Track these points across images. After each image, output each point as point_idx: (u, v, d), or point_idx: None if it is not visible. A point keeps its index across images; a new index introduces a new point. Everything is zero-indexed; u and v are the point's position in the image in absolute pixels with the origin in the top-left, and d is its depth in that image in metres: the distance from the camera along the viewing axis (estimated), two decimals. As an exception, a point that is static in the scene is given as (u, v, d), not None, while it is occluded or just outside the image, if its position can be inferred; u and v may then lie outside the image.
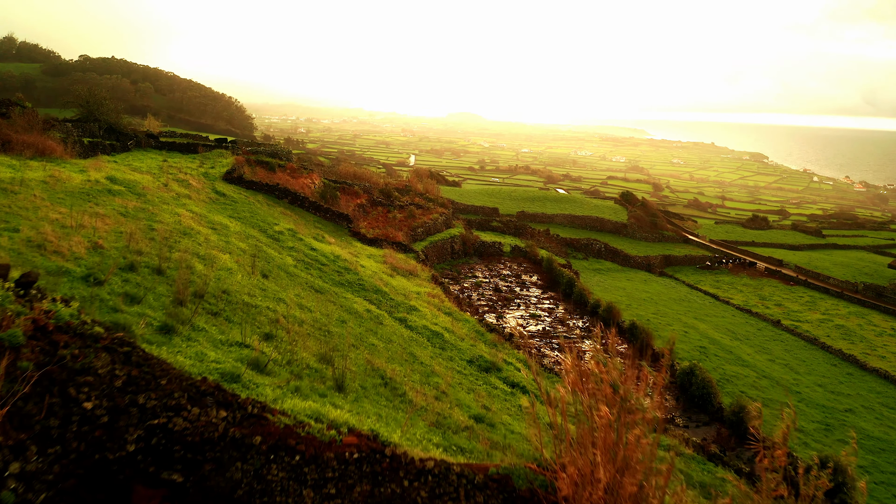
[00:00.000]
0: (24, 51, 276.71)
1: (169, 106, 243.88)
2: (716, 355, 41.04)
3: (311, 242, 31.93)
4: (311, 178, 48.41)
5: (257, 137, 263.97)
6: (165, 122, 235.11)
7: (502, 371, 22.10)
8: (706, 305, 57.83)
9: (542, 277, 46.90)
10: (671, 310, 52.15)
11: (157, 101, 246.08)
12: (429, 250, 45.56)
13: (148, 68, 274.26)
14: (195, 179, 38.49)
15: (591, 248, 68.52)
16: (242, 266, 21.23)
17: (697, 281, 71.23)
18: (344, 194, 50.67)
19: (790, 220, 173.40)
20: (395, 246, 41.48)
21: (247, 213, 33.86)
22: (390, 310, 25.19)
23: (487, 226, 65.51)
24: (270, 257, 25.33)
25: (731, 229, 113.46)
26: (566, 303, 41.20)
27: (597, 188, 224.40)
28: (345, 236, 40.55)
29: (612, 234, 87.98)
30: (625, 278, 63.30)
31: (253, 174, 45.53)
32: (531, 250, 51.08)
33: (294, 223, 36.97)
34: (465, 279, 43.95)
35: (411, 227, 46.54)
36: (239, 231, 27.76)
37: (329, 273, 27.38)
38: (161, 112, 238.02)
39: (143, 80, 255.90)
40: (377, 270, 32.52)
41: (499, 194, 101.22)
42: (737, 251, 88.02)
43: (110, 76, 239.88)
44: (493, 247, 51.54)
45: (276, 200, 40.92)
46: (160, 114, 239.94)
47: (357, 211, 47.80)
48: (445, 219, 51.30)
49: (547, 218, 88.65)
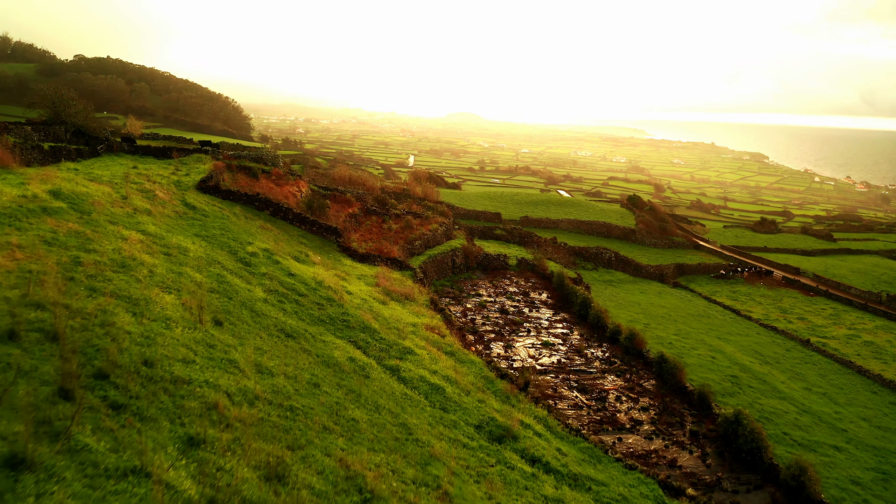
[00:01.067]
0: (19, 51, 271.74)
1: (165, 106, 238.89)
2: (749, 386, 36.32)
3: (291, 265, 27.17)
4: (298, 185, 43.65)
5: (254, 138, 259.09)
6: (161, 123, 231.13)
7: (519, 440, 17.40)
8: (727, 322, 53.12)
9: (553, 295, 42.18)
10: (692, 328, 47.43)
11: (152, 101, 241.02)
12: (427, 266, 40.84)
13: (144, 68, 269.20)
14: (163, 189, 33.74)
15: (601, 257, 63.83)
16: (189, 310, 16.44)
17: (713, 292, 66.54)
18: (335, 202, 45.92)
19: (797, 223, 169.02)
20: (389, 263, 36.75)
21: (217, 229, 29.09)
22: (379, 355, 20.44)
23: (490, 234, 60.75)
24: (234, 291, 20.58)
25: (740, 233, 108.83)
26: (581, 326, 36.46)
27: (598, 189, 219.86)
28: (333, 253, 35.78)
29: (621, 240, 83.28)
30: (638, 291, 58.56)
31: (233, 182, 40.81)
32: (539, 263, 46.37)
33: (274, 240, 32.19)
34: (467, 298, 39.20)
35: (408, 240, 41.79)
36: (201, 256, 23.00)
37: (307, 307, 22.62)
38: (157, 112, 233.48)
39: (138, 80, 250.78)
40: (367, 297, 27.77)
41: (501, 198, 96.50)
42: (751, 258, 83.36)
43: (105, 76, 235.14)
44: (498, 260, 46.81)
45: (255, 212, 36.15)
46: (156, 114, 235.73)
47: (349, 221, 43.05)
48: (446, 229, 46.57)
49: (552, 223, 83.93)
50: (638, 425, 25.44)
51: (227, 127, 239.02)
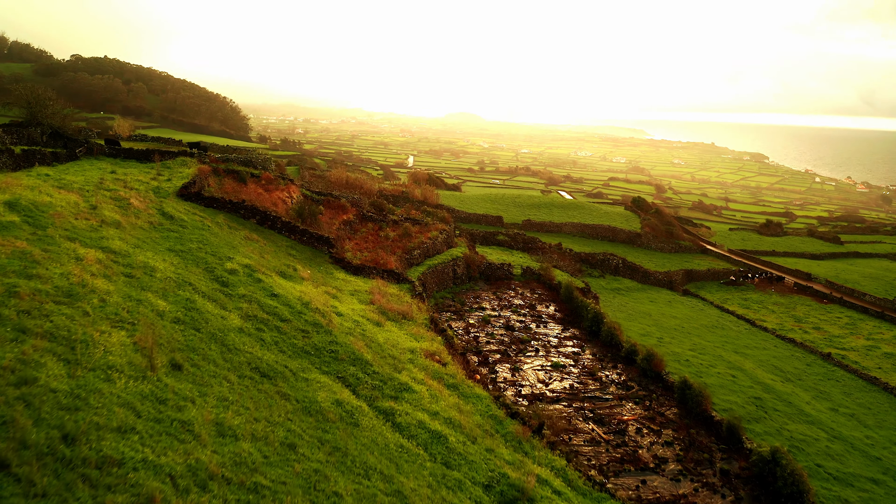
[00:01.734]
0: (16, 50, 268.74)
1: (162, 106, 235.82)
2: (775, 409, 33.48)
3: (274, 283, 24.29)
4: (289, 190, 40.77)
5: (253, 138, 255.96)
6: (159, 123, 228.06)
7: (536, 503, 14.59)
8: (743, 334, 50.28)
9: (561, 307, 39.33)
10: (707, 342, 44.59)
11: (150, 101, 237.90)
12: (427, 277, 37.98)
13: (141, 68, 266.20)
14: (140, 197, 30.89)
15: (608, 264, 60.98)
16: (142, 351, 13.60)
17: (724, 300, 63.71)
18: (329, 208, 43.05)
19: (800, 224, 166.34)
20: (385, 275, 33.89)
21: (195, 243, 26.21)
22: (372, 394, 17.58)
23: (493, 240, 57.91)
24: (205, 319, 17.73)
25: (746, 236, 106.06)
26: (593, 344, 33.62)
27: (599, 190, 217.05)
28: (324, 265, 32.90)
29: (626, 244, 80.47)
30: (647, 299, 55.71)
31: (219, 187, 37.94)
32: (545, 273, 43.52)
33: (259, 253, 29.30)
34: (470, 313, 36.34)
35: (406, 249, 38.92)
36: (170, 277, 20.15)
37: (290, 335, 19.75)
38: (154, 113, 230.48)
39: (136, 79, 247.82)
40: (360, 318, 24.91)
41: (502, 200, 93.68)
42: (760, 263, 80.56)
43: (102, 76, 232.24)
44: (502, 269, 43.96)
45: (240, 221, 33.25)
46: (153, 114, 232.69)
47: (343, 229, 40.19)
48: (446, 237, 43.70)
49: (555, 227, 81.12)
50: (663, 464, 22.59)
51: (224, 127, 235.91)
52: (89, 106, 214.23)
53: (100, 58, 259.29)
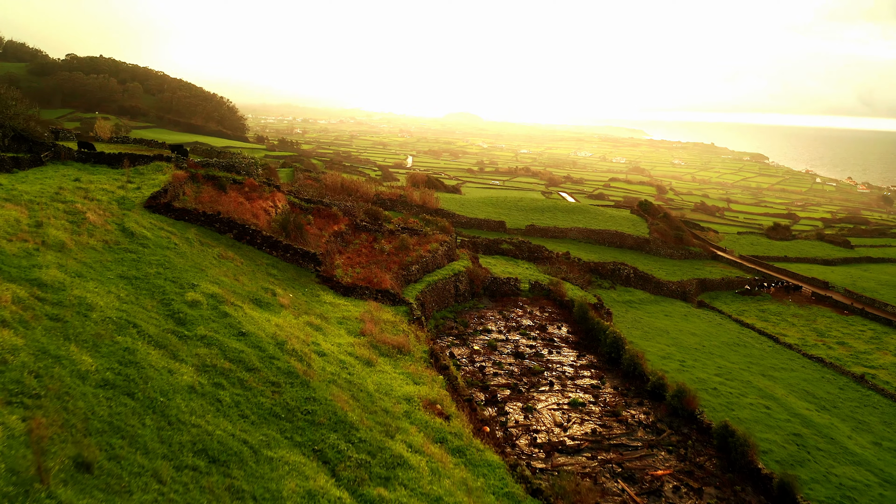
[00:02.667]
0: (11, 50, 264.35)
1: (158, 106, 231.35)
2: (817, 448, 29.58)
3: (245, 317, 20.31)
4: (274, 198, 36.74)
5: (250, 139, 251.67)
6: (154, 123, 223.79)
7: None
8: (767, 352, 46.36)
9: (574, 328, 35.40)
10: (732, 363, 40.67)
11: (145, 101, 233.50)
12: (426, 296, 34.01)
13: (137, 67, 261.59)
14: (99, 210, 26.92)
15: (619, 274, 57.07)
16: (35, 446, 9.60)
17: (741, 311, 59.80)
18: (318, 218, 39.06)
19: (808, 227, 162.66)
20: (380, 296, 29.92)
21: (154, 266, 22.22)
22: (356, 476, 13.61)
23: (496, 248, 53.92)
24: (144, 378, 13.75)
25: (755, 241, 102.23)
26: (613, 374, 29.69)
27: (601, 191, 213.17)
28: (310, 286, 28.91)
29: (634, 250, 76.54)
30: (662, 313, 51.78)
31: (195, 196, 33.93)
32: (556, 289, 39.58)
33: (232, 275, 25.27)
34: (474, 337, 32.38)
35: (403, 265, 34.93)
36: (110, 317, 16.17)
37: (257, 391, 15.77)
38: (150, 113, 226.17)
39: (131, 79, 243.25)
40: (347, 357, 20.95)
41: (504, 203, 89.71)
42: (773, 270, 76.68)
43: (97, 76, 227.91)
44: (508, 284, 39.99)
45: (215, 236, 29.24)
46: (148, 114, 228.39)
47: (333, 242, 36.21)
48: (447, 249, 39.72)
49: (560, 232, 77.17)
50: (710, 537, 18.70)
51: (221, 127, 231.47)
52: (84, 106, 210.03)
53: (95, 57, 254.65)
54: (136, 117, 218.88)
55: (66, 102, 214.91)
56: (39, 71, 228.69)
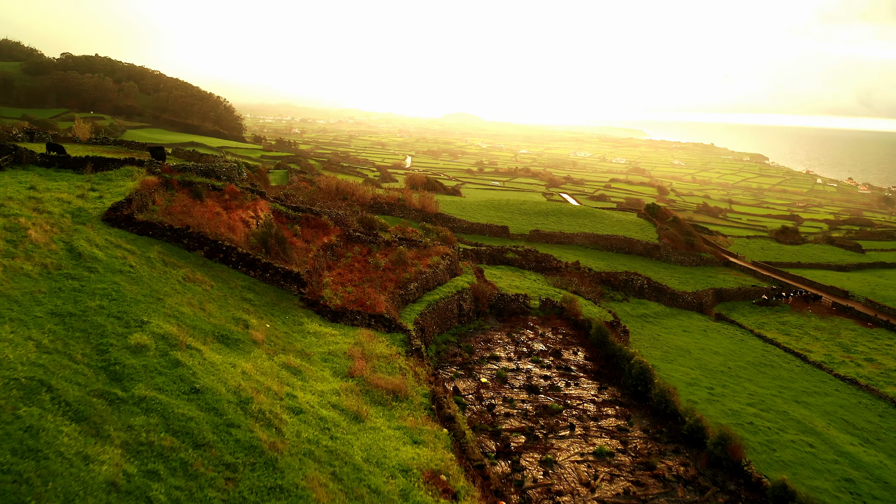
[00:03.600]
0: (5, 49, 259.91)
1: (154, 106, 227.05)
2: (872, 496, 25.69)
3: (203, 364, 16.33)
4: (256, 207, 32.71)
5: (247, 138, 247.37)
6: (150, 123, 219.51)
7: None
8: (796, 373, 42.46)
9: (591, 353, 31.46)
10: (762, 388, 36.77)
11: (141, 100, 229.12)
12: (426, 318, 30.04)
13: (133, 66, 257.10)
14: (46, 225, 22.90)
15: (632, 285, 53.11)
16: None
17: (761, 324, 55.89)
18: (307, 228, 35.06)
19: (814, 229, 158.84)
20: (374, 322, 25.94)
21: (98, 297, 18.22)
22: None
23: (501, 258, 49.93)
24: (43, 477, 9.76)
25: (765, 245, 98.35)
26: (640, 412, 25.75)
27: (602, 192, 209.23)
28: (292, 311, 24.92)
29: (644, 256, 72.64)
30: (680, 328, 47.84)
31: (166, 205, 29.90)
32: (570, 307, 35.61)
33: (197, 304, 21.22)
34: (481, 365, 28.41)
35: (400, 282, 30.94)
36: (20, 377, 12.26)
37: (206, 479, 11.78)
38: (145, 112, 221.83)
39: (127, 78, 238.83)
40: (330, 412, 16.98)
41: (506, 207, 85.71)
42: (788, 278, 72.79)
43: (92, 75, 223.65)
44: (517, 301, 36.03)
45: (182, 255, 25.22)
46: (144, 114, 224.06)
47: (323, 256, 32.21)
48: (449, 262, 35.72)
49: (566, 238, 73.23)
50: None
51: (218, 127, 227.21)
52: (79, 105, 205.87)
53: (91, 56, 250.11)
54: (131, 117, 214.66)
55: (60, 102, 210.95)
56: (34, 70, 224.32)
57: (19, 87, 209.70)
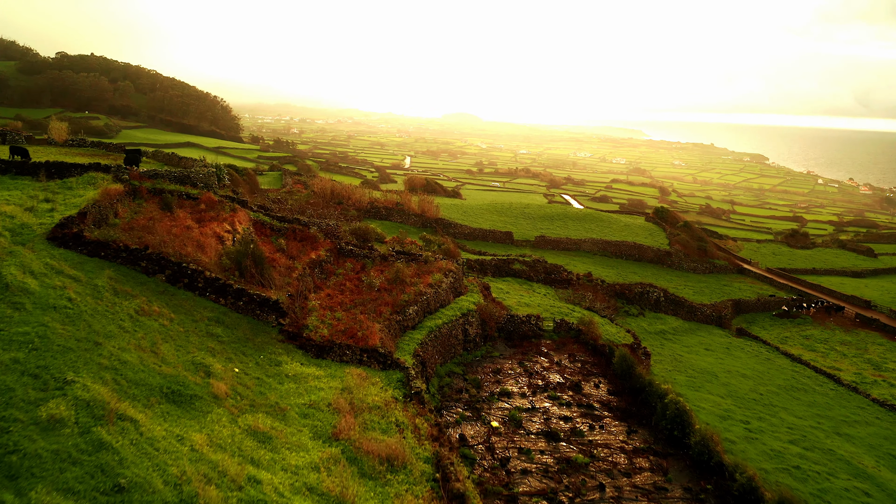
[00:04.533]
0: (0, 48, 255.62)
1: (150, 106, 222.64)
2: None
3: (139, 442, 12.40)
4: (234, 220, 28.74)
5: (244, 139, 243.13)
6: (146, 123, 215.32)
7: None
8: (831, 398, 38.59)
9: (615, 385, 27.57)
10: (799, 418, 32.92)
11: (137, 100, 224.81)
12: (428, 347, 26.13)
13: (129, 66, 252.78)
14: (-27, 246, 18.99)
15: (647, 298, 49.23)
16: None
17: (783, 339, 52.05)
18: (293, 241, 31.13)
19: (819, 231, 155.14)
20: (366, 357, 22.02)
21: (14, 347, 14.25)
22: None
23: (507, 269, 46.03)
24: None
25: (776, 250, 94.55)
26: (676, 462, 21.88)
27: (604, 193, 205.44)
28: (268, 349, 21.00)
29: (654, 263, 68.76)
30: (701, 346, 43.98)
31: (130, 218, 25.96)
32: (588, 330, 31.70)
33: (148, 347, 17.26)
34: (490, 404, 24.51)
35: (398, 305, 27.02)
36: None
37: None
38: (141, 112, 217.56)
39: (123, 78, 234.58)
40: (304, 502, 13.15)
41: (509, 211, 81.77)
42: (806, 286, 68.95)
43: (87, 74, 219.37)
44: (528, 324, 32.13)
45: (140, 280, 21.27)
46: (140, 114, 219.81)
47: (310, 275, 28.29)
48: (453, 280, 31.82)
49: (573, 244, 69.33)
50: None
51: (214, 127, 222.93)
52: (74, 105, 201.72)
53: (86, 55, 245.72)
54: (126, 117, 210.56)
55: (55, 102, 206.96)
56: (29, 69, 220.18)
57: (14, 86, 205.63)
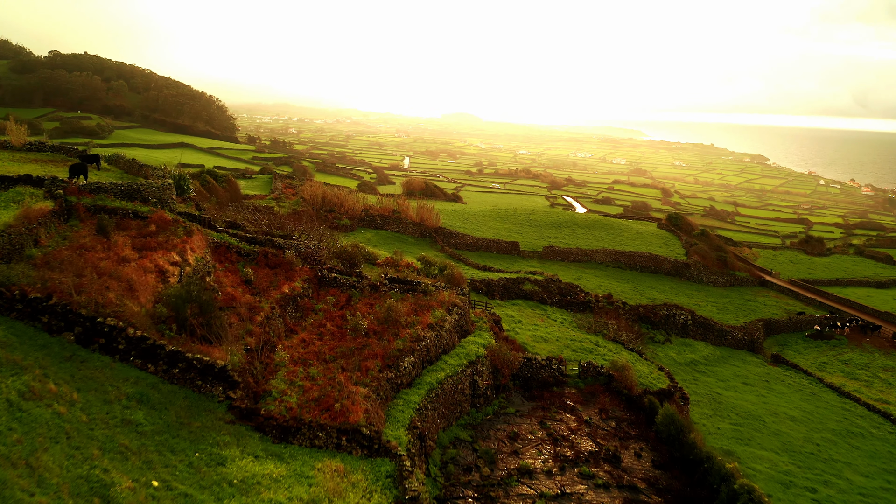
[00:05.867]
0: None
1: (143, 105, 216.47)
2: None
3: None
4: (187, 246, 22.92)
5: (240, 139, 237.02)
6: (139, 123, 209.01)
7: None
8: (892, 443, 32.97)
9: (659, 452, 21.95)
10: (867, 478, 27.25)
11: (130, 99, 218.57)
12: (427, 413, 20.45)
13: (123, 65, 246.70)
14: None
15: (674, 321, 43.59)
16: None
17: (821, 365, 46.47)
18: (264, 269, 25.43)
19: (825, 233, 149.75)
20: (345, 441, 16.32)
21: None
22: None
23: (517, 290, 40.33)
24: None
25: (794, 257, 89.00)
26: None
27: (606, 195, 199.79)
28: (208, 438, 15.23)
29: (671, 276, 63.19)
30: (737, 378, 38.34)
31: (56, 246, 20.30)
32: (620, 377, 26.05)
33: (16, 464, 11.71)
34: (507, 490, 18.83)
35: (390, 356, 21.34)
36: None
37: None
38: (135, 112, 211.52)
39: (116, 77, 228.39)
40: None
41: (514, 217, 76.12)
42: (833, 300, 63.40)
43: (80, 73, 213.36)
44: (548, 368, 26.47)
45: (39, 341, 15.60)
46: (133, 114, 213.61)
47: (278, 315, 22.58)
48: (458, 317, 26.07)
49: (584, 255, 63.69)
50: None
51: (209, 127, 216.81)
52: (66, 105, 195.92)
53: (79, 54, 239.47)
54: (120, 117, 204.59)
55: (47, 101, 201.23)
56: (21, 68, 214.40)
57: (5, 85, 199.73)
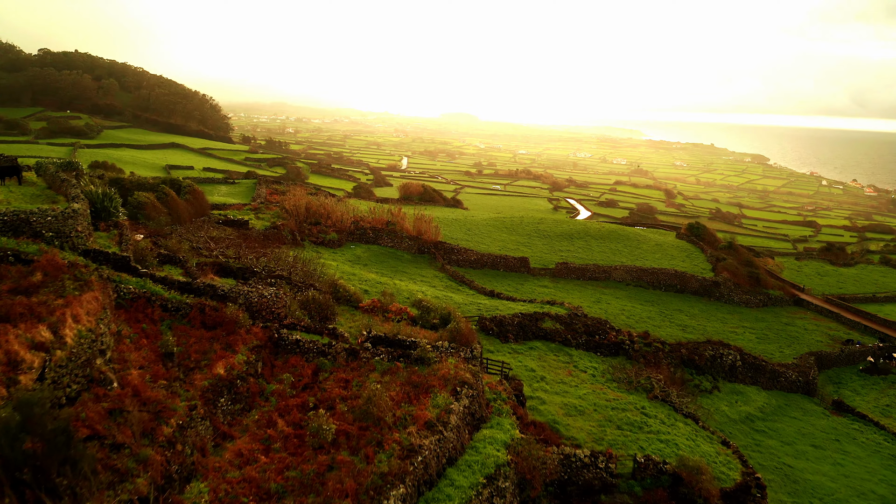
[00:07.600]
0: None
1: (135, 104, 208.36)
2: None
3: None
4: (71, 311, 15.31)
5: (234, 139, 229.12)
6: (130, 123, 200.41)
7: None
8: None
9: None
10: None
11: (121, 98, 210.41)
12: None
13: (115, 63, 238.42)
14: None
15: (721, 363, 36.10)
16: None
17: (885, 408, 39.05)
18: (198, 330, 17.87)
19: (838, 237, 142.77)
20: None
21: None
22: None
23: (535, 328, 32.80)
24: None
25: (820, 269, 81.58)
26: None
27: (608, 196, 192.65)
28: None
29: (699, 295, 55.71)
30: (804, 440, 30.88)
31: None
32: (690, 479, 18.56)
33: None
34: None
35: (367, 487, 13.88)
36: None
37: None
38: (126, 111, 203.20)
39: (107, 76, 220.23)
40: None
41: (521, 228, 68.60)
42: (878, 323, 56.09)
43: (70, 72, 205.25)
44: (593, 468, 18.92)
45: None
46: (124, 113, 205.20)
47: (206, 415, 15.04)
48: (470, 401, 18.31)
49: (602, 272, 56.16)
50: None
51: (202, 127, 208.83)
52: (56, 104, 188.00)
53: (70, 52, 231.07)
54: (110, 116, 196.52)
55: (36, 100, 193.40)
56: (9, 67, 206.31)
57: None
